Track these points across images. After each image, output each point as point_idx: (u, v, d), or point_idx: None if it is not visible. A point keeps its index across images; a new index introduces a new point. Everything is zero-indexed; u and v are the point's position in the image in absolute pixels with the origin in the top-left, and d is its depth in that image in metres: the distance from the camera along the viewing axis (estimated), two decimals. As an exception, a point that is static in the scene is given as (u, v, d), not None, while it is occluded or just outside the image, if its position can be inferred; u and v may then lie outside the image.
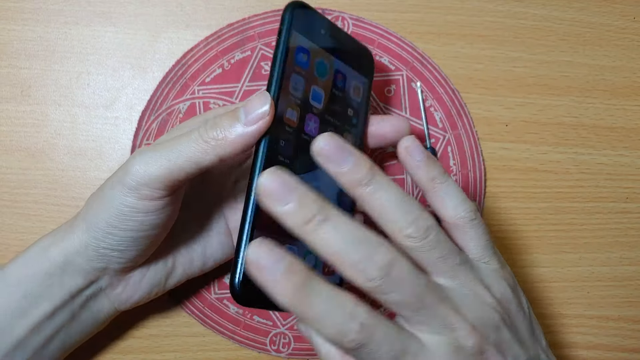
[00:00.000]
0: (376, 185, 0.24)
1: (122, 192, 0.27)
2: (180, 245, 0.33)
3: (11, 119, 0.38)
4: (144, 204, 0.27)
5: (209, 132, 0.26)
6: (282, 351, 0.37)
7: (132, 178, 0.27)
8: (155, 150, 0.27)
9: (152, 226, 0.28)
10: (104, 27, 0.38)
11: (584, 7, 0.41)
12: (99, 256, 0.29)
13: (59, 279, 0.29)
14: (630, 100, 0.40)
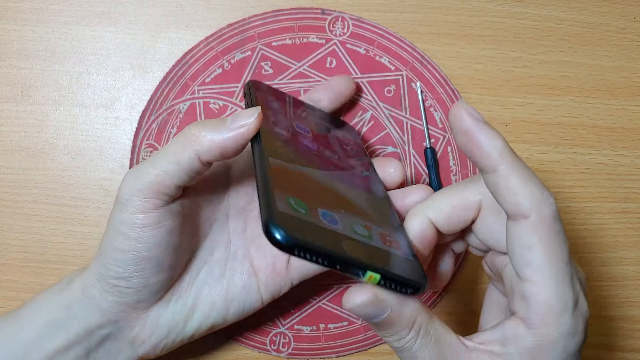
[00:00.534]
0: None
1: (118, 209, 0.27)
2: (201, 285, 0.31)
3: (11, 119, 0.38)
4: (138, 218, 0.27)
5: (191, 129, 0.27)
6: (282, 351, 0.37)
7: (123, 192, 0.27)
8: (143, 162, 0.27)
9: (151, 245, 0.27)
10: (104, 27, 0.38)
11: (584, 7, 0.41)
12: (109, 287, 0.28)
13: (77, 312, 0.29)
14: (630, 100, 0.41)
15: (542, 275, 0.23)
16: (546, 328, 0.23)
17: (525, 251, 0.23)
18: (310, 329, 0.38)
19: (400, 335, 0.24)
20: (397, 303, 0.23)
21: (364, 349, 0.38)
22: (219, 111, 0.38)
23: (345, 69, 0.39)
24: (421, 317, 0.24)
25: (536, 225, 0.23)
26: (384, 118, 0.39)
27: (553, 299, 0.22)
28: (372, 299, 0.23)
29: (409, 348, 0.24)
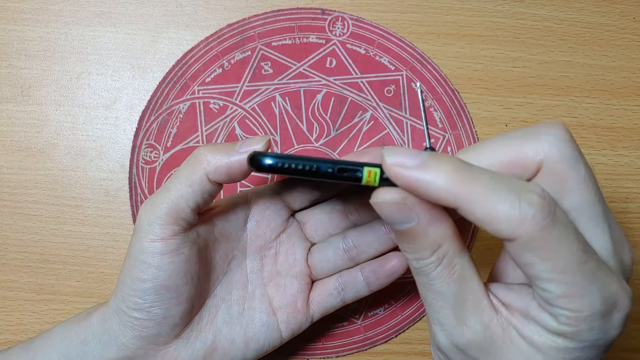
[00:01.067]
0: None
1: (137, 238, 0.27)
2: (220, 324, 0.31)
3: (11, 119, 0.38)
4: (157, 246, 0.27)
5: (200, 150, 0.27)
6: (282, 351, 0.37)
7: (142, 221, 0.27)
8: (157, 190, 0.28)
9: (170, 272, 0.27)
10: (104, 27, 0.38)
11: (583, 7, 0.41)
12: (128, 320, 0.28)
13: (93, 349, 0.29)
14: (630, 100, 0.41)
15: (554, 286, 0.20)
16: (575, 326, 0.20)
17: (527, 268, 0.20)
18: (310, 329, 0.38)
19: (421, 255, 0.22)
20: (426, 218, 0.21)
21: (364, 349, 0.38)
22: (219, 111, 0.38)
23: (345, 69, 0.39)
24: (449, 245, 0.22)
25: (527, 245, 0.20)
26: (384, 118, 0.39)
27: (576, 304, 0.20)
28: (400, 200, 0.21)
29: (426, 272, 0.22)
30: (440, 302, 0.22)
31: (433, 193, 0.20)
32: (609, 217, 0.22)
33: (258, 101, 0.38)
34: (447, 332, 0.23)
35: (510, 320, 0.22)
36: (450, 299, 0.22)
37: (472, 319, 0.22)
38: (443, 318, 0.22)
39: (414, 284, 0.38)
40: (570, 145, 0.21)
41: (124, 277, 0.28)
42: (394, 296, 0.38)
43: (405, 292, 0.38)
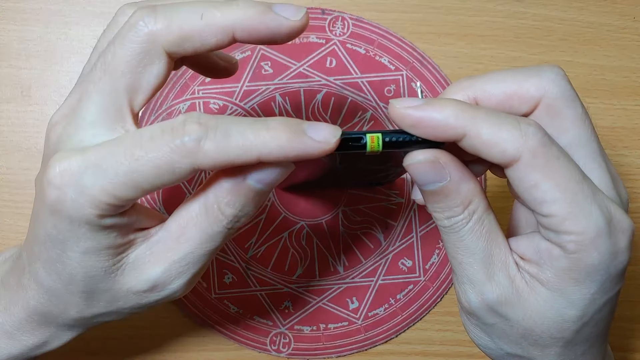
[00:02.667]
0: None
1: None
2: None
3: (11, 119, 0.38)
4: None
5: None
6: (282, 351, 0.37)
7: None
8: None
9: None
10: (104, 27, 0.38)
11: (584, 7, 0.41)
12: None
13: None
14: (631, 100, 0.40)
15: (560, 206, 0.21)
16: (584, 252, 0.21)
17: (532, 191, 0.21)
18: (310, 329, 0.38)
19: (453, 212, 0.23)
20: (457, 175, 0.22)
21: (364, 349, 0.38)
22: (219, 111, 0.38)
23: (345, 69, 0.39)
24: (478, 201, 0.23)
25: (530, 162, 0.21)
26: (384, 118, 0.39)
27: (581, 225, 0.21)
28: (433, 159, 0.22)
29: (457, 229, 0.23)
30: (470, 259, 0.23)
31: (442, 123, 0.21)
32: (604, 155, 0.24)
33: (258, 101, 0.38)
34: (478, 289, 0.23)
35: (529, 271, 0.23)
36: (480, 254, 0.23)
37: (499, 274, 0.23)
38: (473, 274, 0.23)
39: (414, 284, 0.38)
40: (568, 84, 0.23)
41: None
42: (394, 296, 0.38)
43: (405, 292, 0.38)
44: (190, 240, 0.23)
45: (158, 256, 0.23)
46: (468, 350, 0.39)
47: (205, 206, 0.22)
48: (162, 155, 0.20)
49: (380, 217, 0.39)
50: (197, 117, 0.20)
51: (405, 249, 0.38)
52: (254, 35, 0.22)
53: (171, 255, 0.23)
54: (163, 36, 0.21)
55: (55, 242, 0.22)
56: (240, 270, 0.38)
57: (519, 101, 0.23)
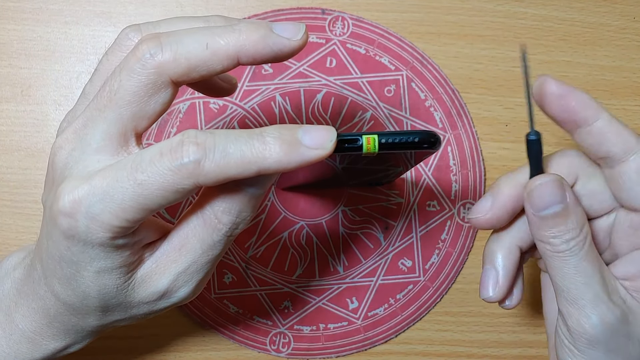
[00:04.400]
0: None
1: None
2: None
3: (11, 119, 0.38)
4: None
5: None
6: (282, 351, 0.37)
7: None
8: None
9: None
10: (104, 27, 0.38)
11: (584, 7, 0.41)
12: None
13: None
14: (630, 100, 0.40)
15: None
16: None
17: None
18: (310, 329, 0.38)
19: (572, 233, 0.24)
20: (574, 197, 0.24)
21: (364, 349, 0.38)
22: (219, 111, 0.38)
23: (345, 68, 0.39)
24: (587, 224, 0.25)
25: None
26: (384, 118, 0.39)
27: None
28: (560, 179, 0.24)
29: (577, 251, 0.24)
30: (592, 279, 0.24)
31: (589, 101, 0.26)
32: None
33: (258, 101, 0.38)
34: (602, 308, 0.24)
35: (636, 287, 0.25)
36: (597, 274, 0.24)
37: (615, 293, 0.24)
38: (597, 295, 0.24)
39: (414, 284, 0.38)
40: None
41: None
42: (393, 296, 0.38)
43: (405, 292, 0.38)
44: (191, 251, 0.23)
45: (163, 268, 0.24)
46: (467, 350, 0.39)
47: (202, 217, 0.23)
48: (164, 179, 0.20)
49: (380, 217, 0.39)
50: (194, 136, 0.20)
51: (405, 249, 0.38)
52: (258, 58, 0.22)
53: (175, 266, 0.24)
54: (170, 68, 0.21)
55: (69, 263, 0.23)
56: (240, 270, 0.38)
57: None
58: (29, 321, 0.26)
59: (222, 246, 0.24)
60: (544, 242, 0.25)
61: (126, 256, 0.23)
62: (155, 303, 0.25)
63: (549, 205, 0.24)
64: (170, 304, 0.25)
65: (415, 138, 0.22)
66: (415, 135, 0.22)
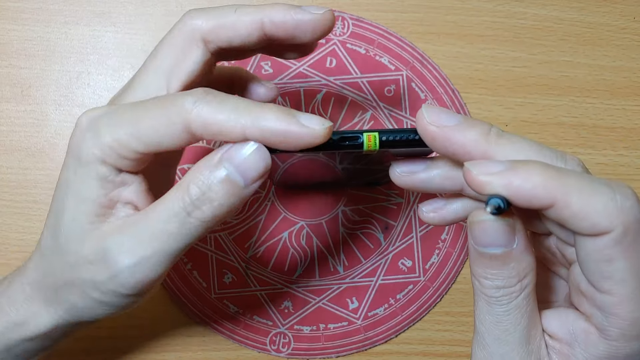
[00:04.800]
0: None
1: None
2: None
3: (11, 119, 0.38)
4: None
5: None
6: (282, 351, 0.37)
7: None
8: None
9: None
10: (104, 27, 0.38)
11: (584, 7, 0.41)
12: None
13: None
14: (630, 100, 0.40)
15: (624, 289, 0.20)
16: (625, 341, 0.20)
17: (602, 265, 0.20)
18: (310, 329, 0.38)
19: (508, 282, 0.21)
20: (524, 245, 0.21)
21: (364, 349, 0.38)
22: (219, 111, 0.38)
23: (345, 68, 0.39)
24: (531, 276, 0.21)
25: (618, 237, 0.19)
26: (384, 118, 0.39)
27: (637, 314, 0.20)
28: (512, 223, 0.21)
29: (505, 302, 0.21)
30: (509, 337, 0.22)
31: (528, 192, 0.19)
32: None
33: (258, 101, 0.38)
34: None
35: (559, 351, 0.22)
36: (520, 332, 0.22)
37: (532, 356, 0.22)
38: (507, 354, 0.22)
39: (414, 284, 0.38)
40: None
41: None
42: (393, 296, 0.38)
43: (405, 292, 0.38)
44: (151, 214, 0.22)
45: (122, 229, 0.23)
46: (467, 350, 0.39)
47: (180, 184, 0.22)
48: (162, 111, 0.21)
49: (380, 217, 0.39)
50: (203, 89, 0.22)
51: (405, 249, 0.38)
52: (281, 28, 0.24)
53: (129, 228, 0.22)
54: (202, 26, 0.24)
55: (62, 187, 0.24)
56: (240, 270, 0.38)
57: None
58: (6, 285, 0.26)
59: (178, 224, 0.22)
60: (475, 277, 0.22)
61: (102, 194, 0.23)
62: (95, 269, 0.23)
63: (490, 246, 0.21)
64: (107, 275, 0.23)
65: (415, 136, 0.22)
66: (415, 132, 0.22)
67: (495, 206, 0.19)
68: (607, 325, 0.20)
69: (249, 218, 0.38)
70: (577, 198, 0.19)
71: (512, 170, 0.20)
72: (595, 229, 0.19)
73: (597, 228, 0.19)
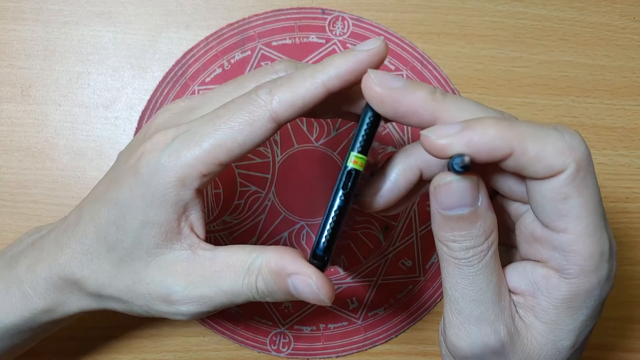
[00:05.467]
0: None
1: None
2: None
3: (11, 119, 0.38)
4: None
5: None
6: (282, 351, 0.37)
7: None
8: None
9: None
10: (104, 27, 0.38)
11: (584, 7, 0.41)
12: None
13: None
14: (630, 100, 0.40)
15: (580, 225, 0.21)
16: (585, 277, 0.21)
17: (558, 204, 0.21)
18: (310, 329, 0.38)
19: (476, 241, 0.21)
20: (486, 202, 0.22)
21: (364, 349, 0.38)
22: (219, 111, 0.38)
23: (345, 68, 0.39)
24: (495, 233, 0.22)
25: (571, 174, 0.20)
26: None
27: (594, 247, 0.21)
28: (476, 180, 0.21)
29: (476, 262, 0.22)
30: (483, 296, 0.22)
31: (487, 145, 0.20)
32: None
33: (258, 101, 0.38)
34: (484, 330, 0.22)
35: (524, 304, 0.23)
36: (492, 290, 0.22)
37: (506, 313, 0.22)
38: (484, 312, 0.22)
39: (414, 284, 0.38)
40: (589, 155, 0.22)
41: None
42: (393, 296, 0.38)
43: (405, 292, 0.38)
44: (223, 283, 0.24)
45: (190, 274, 0.24)
46: (468, 350, 0.39)
47: (250, 267, 0.24)
48: (242, 113, 0.22)
49: (380, 217, 0.39)
50: (258, 79, 0.24)
51: (405, 249, 0.38)
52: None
53: (197, 280, 0.24)
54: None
55: (121, 205, 0.24)
56: (240, 270, 0.38)
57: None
58: (30, 272, 0.27)
59: (242, 300, 0.24)
60: (442, 242, 0.22)
61: (173, 218, 0.24)
62: (155, 300, 0.25)
63: (456, 207, 0.21)
64: (167, 311, 0.25)
65: (370, 115, 0.23)
66: (371, 115, 0.23)
67: (463, 164, 0.20)
68: (565, 264, 0.21)
69: (249, 218, 0.38)
70: (532, 143, 0.20)
71: (468, 128, 0.20)
72: (551, 170, 0.20)
73: (553, 168, 0.20)
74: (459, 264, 0.22)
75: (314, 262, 0.23)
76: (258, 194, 0.38)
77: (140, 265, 0.24)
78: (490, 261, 0.22)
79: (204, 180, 0.23)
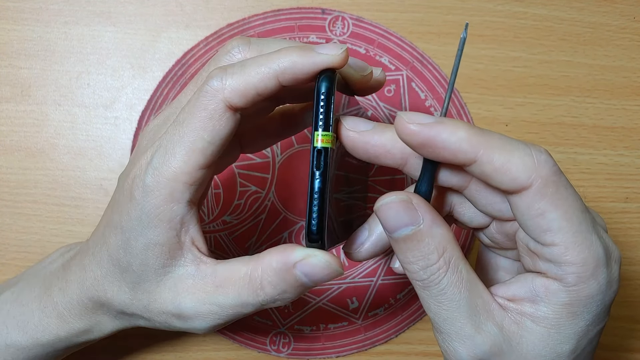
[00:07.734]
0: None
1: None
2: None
3: (11, 119, 0.38)
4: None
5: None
6: (282, 351, 0.37)
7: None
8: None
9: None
10: (104, 27, 0.38)
11: (584, 7, 0.41)
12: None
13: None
14: (630, 100, 0.40)
15: (564, 235, 0.21)
16: (584, 283, 0.21)
17: (538, 219, 0.21)
18: (310, 329, 0.38)
19: (428, 260, 0.22)
20: (430, 219, 0.22)
21: (364, 349, 0.38)
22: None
23: (345, 68, 0.39)
24: (452, 248, 0.22)
25: (541, 190, 0.21)
26: (384, 118, 0.39)
27: (586, 254, 0.21)
28: (406, 199, 0.22)
29: (436, 281, 0.22)
30: (455, 313, 0.22)
31: (454, 145, 0.21)
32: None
33: (258, 101, 0.38)
34: (468, 344, 0.22)
35: (521, 310, 0.23)
36: (464, 306, 0.22)
37: (487, 323, 0.22)
38: (461, 329, 0.22)
39: (414, 284, 0.38)
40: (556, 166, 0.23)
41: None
42: (394, 296, 0.38)
43: (405, 292, 0.38)
44: (226, 297, 0.24)
45: (195, 291, 0.25)
46: (468, 350, 0.39)
47: (250, 276, 0.24)
48: (199, 110, 0.23)
49: (380, 217, 0.39)
50: (215, 64, 0.24)
51: (405, 249, 0.38)
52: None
53: (204, 297, 0.24)
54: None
55: (125, 230, 0.24)
56: (240, 270, 0.38)
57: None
58: (64, 294, 0.27)
59: (252, 309, 0.24)
60: (404, 266, 0.23)
61: (172, 235, 0.24)
62: (170, 318, 0.25)
63: (398, 228, 0.22)
64: (183, 327, 0.26)
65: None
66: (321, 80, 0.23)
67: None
68: (563, 274, 0.21)
69: (249, 218, 0.38)
70: (499, 154, 0.21)
71: (441, 123, 0.21)
72: (516, 183, 0.21)
73: (518, 182, 0.21)
74: (423, 285, 0.23)
75: (312, 245, 0.23)
76: (258, 194, 0.38)
77: (151, 286, 0.25)
78: (454, 277, 0.22)
79: (193, 189, 0.24)
